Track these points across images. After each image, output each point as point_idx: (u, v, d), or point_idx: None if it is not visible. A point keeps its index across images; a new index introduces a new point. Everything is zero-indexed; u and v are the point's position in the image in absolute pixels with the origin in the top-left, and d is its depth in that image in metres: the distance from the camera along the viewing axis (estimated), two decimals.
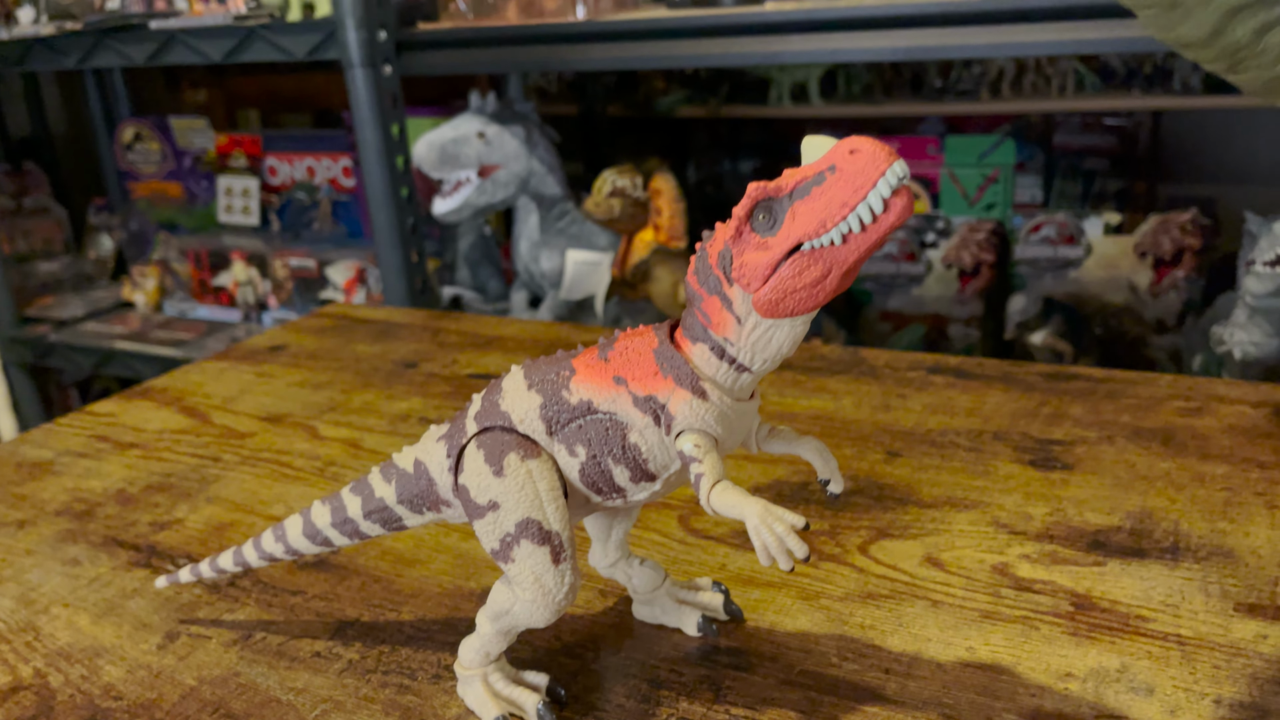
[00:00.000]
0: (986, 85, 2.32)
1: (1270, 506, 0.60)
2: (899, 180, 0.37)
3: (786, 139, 2.70)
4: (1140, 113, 2.34)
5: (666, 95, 2.60)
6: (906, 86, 2.44)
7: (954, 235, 1.63)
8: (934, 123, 2.48)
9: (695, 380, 0.43)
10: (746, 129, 2.74)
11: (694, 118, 2.61)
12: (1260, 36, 0.40)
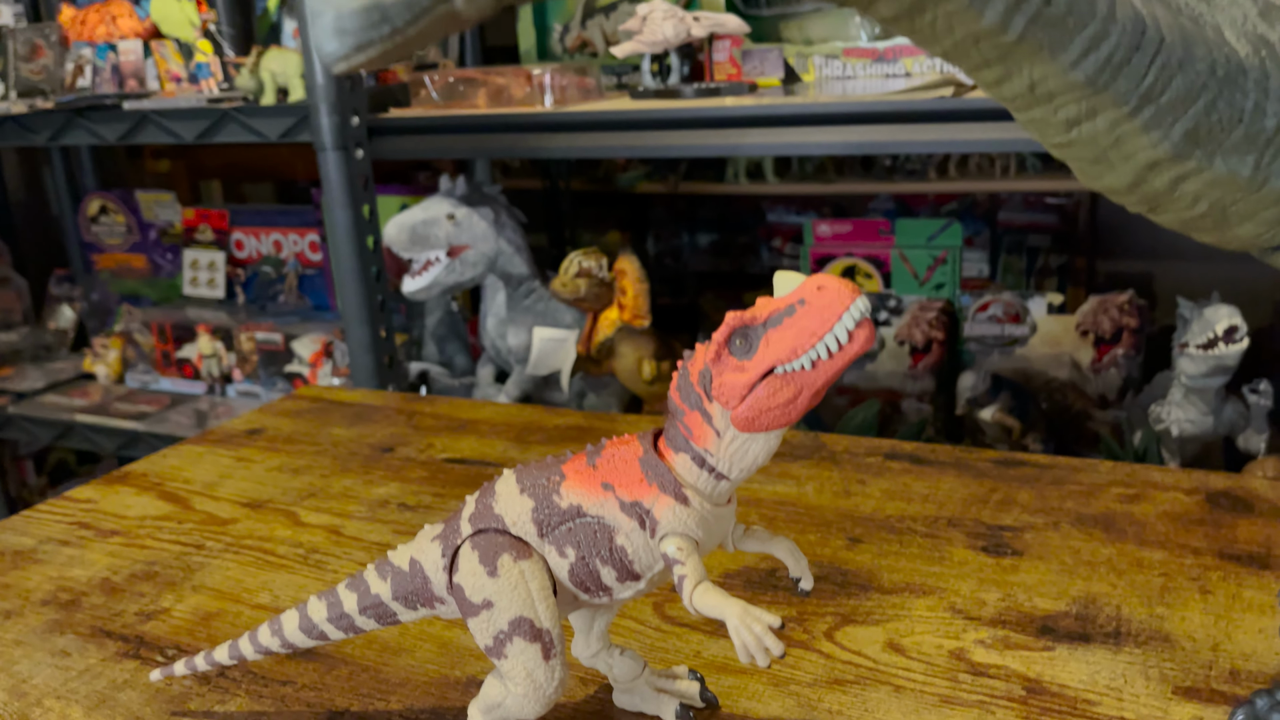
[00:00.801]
0: (934, 165, 2.42)
1: (1203, 592, 0.65)
2: (861, 314, 0.42)
3: (742, 214, 2.78)
4: (1079, 193, 2.44)
5: (627, 172, 2.68)
6: (858, 166, 2.53)
7: (905, 314, 1.70)
8: (883, 200, 2.58)
9: (678, 487, 0.47)
10: (704, 204, 2.82)
11: (653, 193, 2.69)
12: (1175, 186, 0.45)
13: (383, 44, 0.31)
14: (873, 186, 2.56)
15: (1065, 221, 2.52)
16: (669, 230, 2.88)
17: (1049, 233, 2.53)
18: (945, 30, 0.39)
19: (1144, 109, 0.41)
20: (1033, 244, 2.53)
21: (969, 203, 2.54)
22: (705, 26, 1.50)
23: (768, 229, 2.71)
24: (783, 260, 2.70)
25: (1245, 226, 0.46)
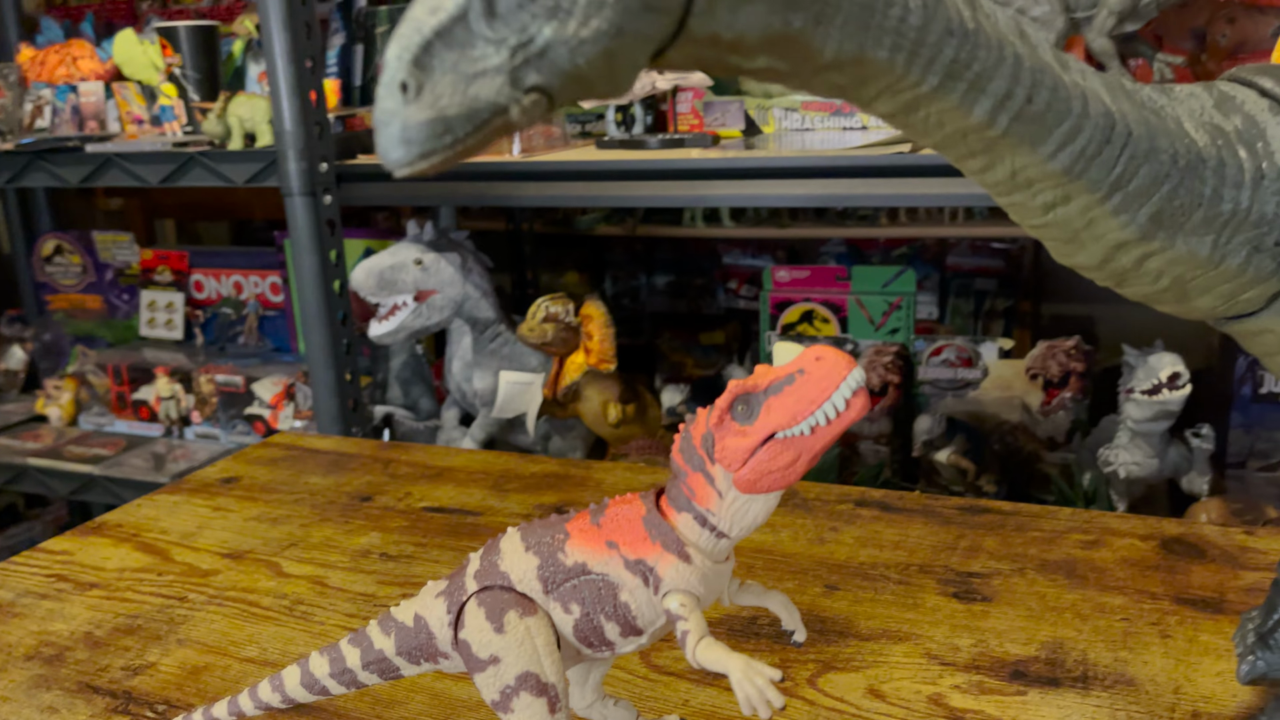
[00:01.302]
0: (885, 212, 2.48)
1: (1163, 636, 0.69)
2: (858, 384, 0.44)
3: (699, 257, 2.82)
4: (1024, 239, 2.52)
5: (586, 215, 2.71)
6: (811, 212, 2.59)
7: (862, 358, 1.74)
8: (836, 244, 2.63)
9: (681, 546, 0.49)
10: (661, 247, 2.86)
11: (612, 235, 2.72)
12: (1141, 263, 0.49)
13: (444, 152, 0.33)
14: (826, 231, 2.61)
15: (1011, 266, 2.59)
16: (626, 272, 2.91)
17: (995, 277, 2.60)
18: (937, 125, 0.42)
19: (1114, 195, 0.45)
20: (980, 288, 2.60)
21: (918, 247, 2.61)
22: (670, 79, 1.54)
23: (724, 271, 2.75)
24: (739, 302, 2.74)
25: (1203, 299, 0.50)
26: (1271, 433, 1.44)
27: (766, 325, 1.86)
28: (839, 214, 2.55)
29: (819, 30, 0.37)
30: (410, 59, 0.32)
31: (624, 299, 2.89)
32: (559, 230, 2.70)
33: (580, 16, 0.32)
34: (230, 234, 2.89)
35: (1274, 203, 0.47)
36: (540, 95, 0.33)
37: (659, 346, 2.77)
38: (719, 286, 2.76)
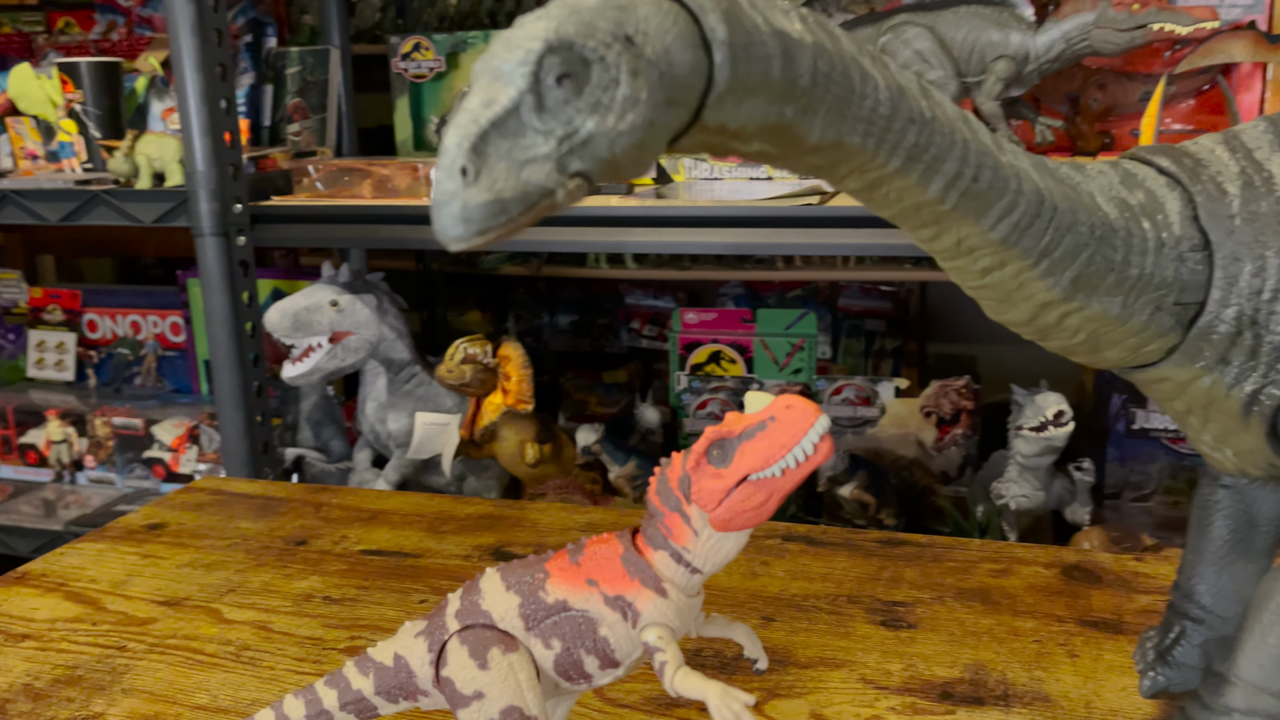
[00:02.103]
0: (782, 256, 2.58)
1: (1071, 655, 0.75)
2: (824, 430, 0.49)
3: (602, 297, 2.87)
4: (911, 282, 2.66)
5: (490, 254, 2.73)
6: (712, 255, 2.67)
7: None
8: (734, 286, 2.72)
9: (658, 582, 0.52)
10: (565, 287, 2.90)
11: (516, 275, 2.75)
12: (1062, 320, 0.55)
13: (499, 230, 0.37)
14: (725, 274, 2.69)
15: (899, 308, 2.72)
16: (530, 311, 2.93)
17: (884, 318, 2.72)
18: (896, 200, 0.47)
19: (1042, 261, 0.51)
20: (870, 328, 2.71)
21: (812, 289, 2.71)
22: None
23: (627, 311, 2.80)
24: (641, 341, 2.80)
25: (1113, 352, 0.57)
26: (1144, 466, 1.56)
27: (676, 365, 1.91)
28: (738, 258, 2.63)
29: (805, 119, 0.42)
30: (469, 146, 0.36)
31: (527, 338, 2.91)
32: (463, 270, 2.71)
33: (618, 111, 0.36)
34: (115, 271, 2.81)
35: (1172, 268, 0.54)
36: (582, 179, 0.37)
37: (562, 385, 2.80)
38: (622, 326, 2.81)
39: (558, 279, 2.83)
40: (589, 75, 0.36)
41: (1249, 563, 0.67)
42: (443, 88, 1.91)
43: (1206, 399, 0.58)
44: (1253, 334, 0.55)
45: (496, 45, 0.37)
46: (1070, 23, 1.28)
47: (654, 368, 2.77)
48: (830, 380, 1.79)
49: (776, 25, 0.41)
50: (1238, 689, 0.58)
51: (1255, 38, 1.31)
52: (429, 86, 1.91)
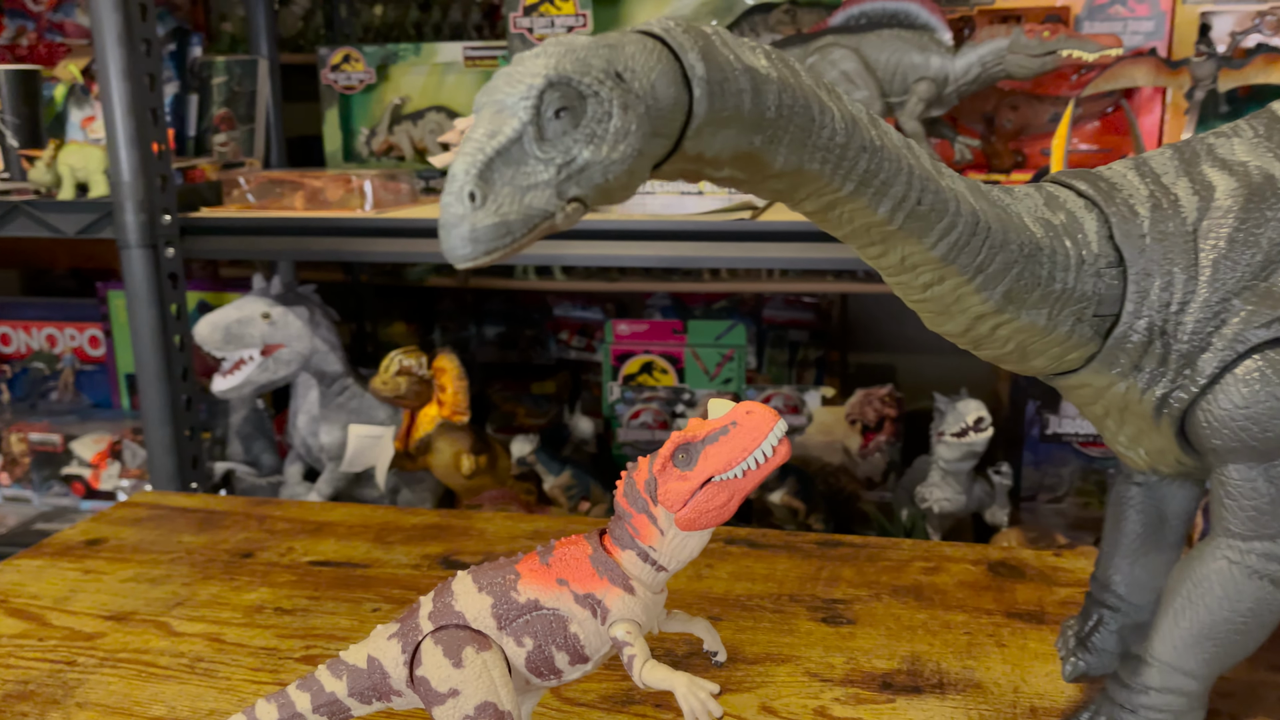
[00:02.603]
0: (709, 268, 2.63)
1: (999, 645, 0.80)
2: (782, 434, 0.52)
3: (529, 309, 2.89)
4: (832, 294, 2.73)
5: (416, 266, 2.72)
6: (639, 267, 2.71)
7: (699, 406, 1.85)
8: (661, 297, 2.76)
9: (626, 580, 0.55)
10: (492, 298, 2.90)
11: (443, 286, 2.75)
12: (994, 331, 0.59)
13: (504, 250, 0.39)
14: (653, 286, 2.73)
15: (821, 319, 2.79)
16: (456, 322, 2.93)
17: (807, 329, 2.79)
18: (848, 221, 0.51)
19: (977, 277, 0.55)
20: (793, 339, 2.78)
21: (738, 301, 2.77)
22: None
23: (555, 323, 2.82)
24: (569, 352, 2.82)
25: (1038, 360, 0.62)
26: (1057, 469, 1.64)
27: (609, 376, 1.94)
28: (665, 270, 2.68)
29: (771, 148, 0.46)
30: (476, 173, 0.38)
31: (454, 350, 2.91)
32: (389, 282, 2.70)
33: (611, 142, 0.39)
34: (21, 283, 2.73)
35: (1091, 283, 0.59)
36: (579, 204, 0.40)
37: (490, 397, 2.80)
38: (550, 337, 2.83)
39: (485, 290, 2.83)
40: (585, 109, 0.39)
41: (1160, 554, 0.73)
42: (372, 99, 1.91)
43: (1122, 403, 0.63)
44: (1162, 343, 0.60)
45: (499, 80, 0.40)
46: (986, 47, 1.35)
47: (582, 379, 2.79)
48: (759, 389, 1.84)
49: (746, 62, 0.44)
50: (1154, 669, 0.63)
51: (1155, 63, 1.40)
52: (359, 98, 1.91)
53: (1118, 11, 1.47)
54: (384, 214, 1.53)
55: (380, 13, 2.69)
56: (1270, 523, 0.60)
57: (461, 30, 2.75)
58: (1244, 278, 0.59)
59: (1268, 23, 1.50)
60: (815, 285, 2.61)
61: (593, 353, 2.82)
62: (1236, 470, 0.60)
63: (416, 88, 1.90)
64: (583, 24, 1.65)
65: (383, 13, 2.70)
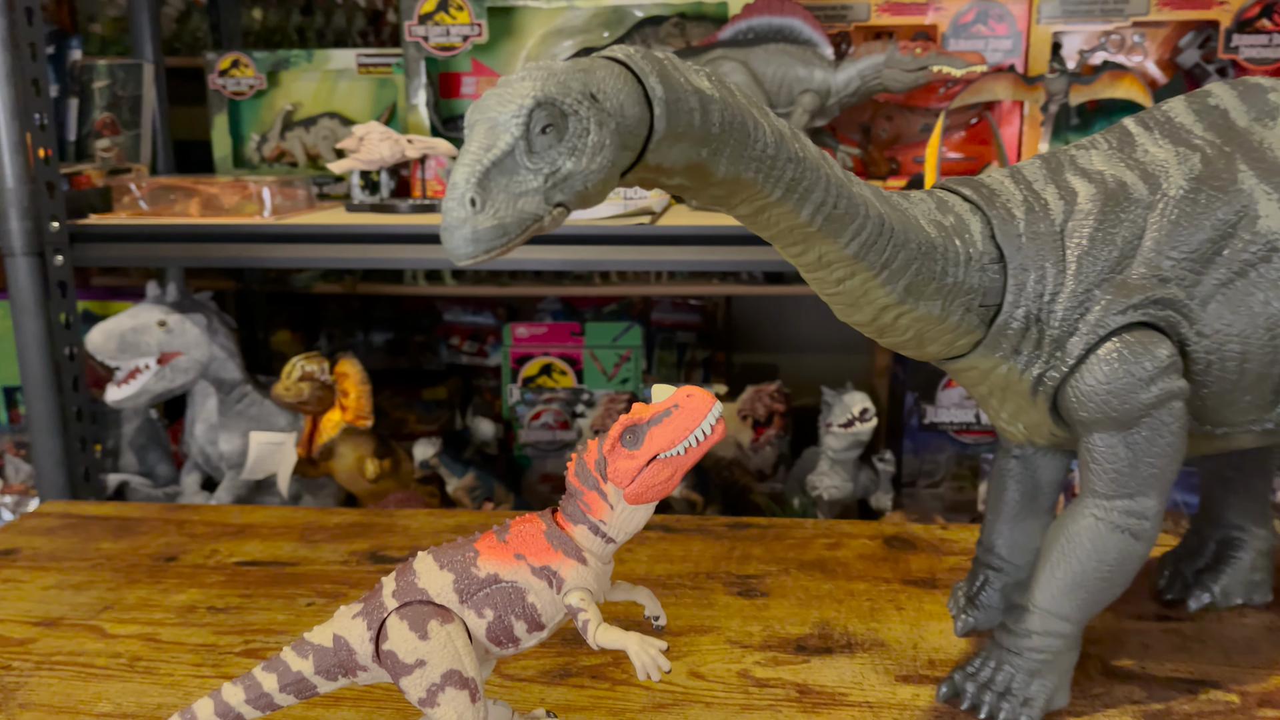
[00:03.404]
0: (599, 272, 2.69)
1: (898, 609, 0.88)
2: (719, 415, 0.58)
3: (418, 314, 2.89)
4: (717, 296, 2.83)
5: (302, 272, 2.70)
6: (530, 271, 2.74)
7: (598, 406, 1.91)
8: (551, 301, 2.80)
9: (579, 552, 0.60)
10: (380, 304, 2.89)
11: (330, 293, 2.72)
12: (896, 320, 0.67)
13: (501, 249, 0.44)
14: (543, 290, 2.77)
15: (707, 321, 2.88)
16: (343, 329, 2.90)
17: (694, 330, 2.88)
18: (775, 223, 0.58)
19: (883, 272, 0.63)
20: (681, 341, 2.86)
21: (627, 304, 2.83)
22: (419, 148, 1.63)
23: (445, 328, 2.83)
24: (461, 357, 2.83)
25: (933, 346, 0.69)
26: (935, 456, 1.76)
27: (508, 379, 1.98)
28: (556, 274, 2.72)
29: (715, 159, 0.52)
30: (476, 181, 0.43)
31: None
32: (274, 289, 2.66)
33: (589, 154, 0.45)
34: None
35: (977, 277, 0.67)
36: (563, 208, 0.45)
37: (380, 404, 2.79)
38: (441, 343, 2.84)
39: (373, 296, 2.82)
40: (567, 126, 0.45)
41: (1036, 519, 0.82)
42: (262, 105, 1.90)
43: (1004, 383, 0.72)
44: (1037, 329, 0.69)
45: (490, 100, 0.45)
46: (865, 62, 1.45)
47: (474, 384, 2.81)
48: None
49: (695, 84, 0.51)
50: (1035, 615, 0.72)
51: (1014, 79, 1.53)
52: (248, 104, 1.90)
53: (979, 30, 1.60)
54: (283, 220, 1.53)
55: (260, 17, 2.66)
56: (1129, 483, 0.69)
57: (346, 36, 2.74)
58: (1103, 271, 0.68)
59: (1112, 41, 1.65)
60: (702, 288, 2.69)
61: (485, 358, 2.84)
62: (1100, 438, 0.69)
63: (308, 94, 1.90)
64: (478, 33, 1.69)
65: (263, 17, 2.66)
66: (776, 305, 2.89)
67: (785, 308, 2.90)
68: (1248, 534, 0.87)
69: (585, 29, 1.78)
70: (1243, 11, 1.47)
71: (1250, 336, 0.69)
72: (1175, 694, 0.75)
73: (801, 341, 2.89)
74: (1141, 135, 0.73)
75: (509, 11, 1.74)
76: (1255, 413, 0.73)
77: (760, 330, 2.91)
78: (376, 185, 1.67)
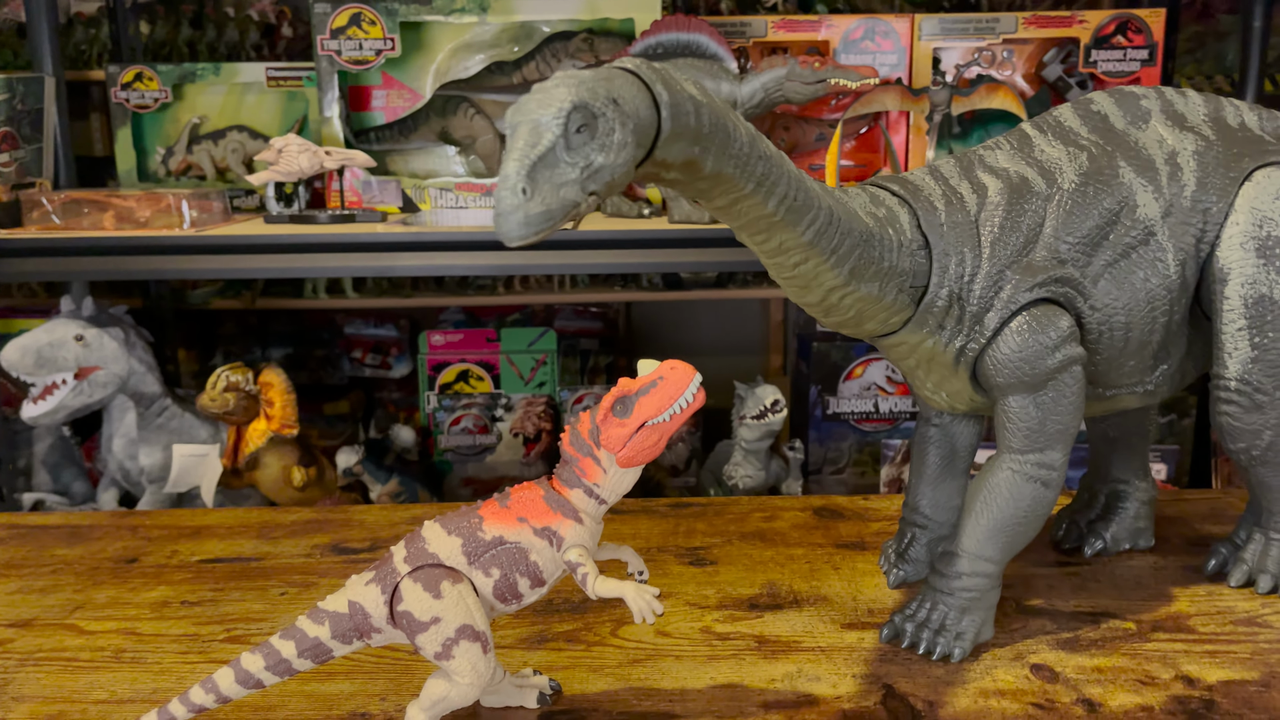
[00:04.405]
0: (501, 280, 2.73)
1: (834, 569, 0.97)
2: (699, 385, 0.66)
3: (318, 329, 2.87)
4: (617, 304, 2.91)
5: (198, 288, 2.66)
6: (432, 281, 2.77)
7: (516, 410, 1.96)
8: (453, 312, 2.83)
9: (576, 512, 0.67)
10: (278, 320, 2.87)
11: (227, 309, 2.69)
12: (841, 300, 0.75)
13: (547, 231, 0.51)
14: (444, 300, 2.80)
15: (608, 327, 2.96)
16: (240, 346, 2.87)
17: (596, 337, 2.95)
18: (745, 213, 0.65)
19: (832, 257, 0.71)
20: (584, 347, 2.92)
21: (530, 312, 2.89)
22: (337, 160, 1.66)
23: (347, 341, 2.83)
24: (364, 370, 2.83)
25: (870, 324, 0.78)
26: (838, 444, 1.87)
27: (425, 386, 2.01)
28: (458, 283, 2.76)
29: (704, 156, 0.60)
30: (525, 173, 0.50)
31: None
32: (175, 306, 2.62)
33: (615, 150, 0.52)
34: None
35: (908, 261, 0.77)
36: (595, 196, 0.52)
37: None
38: (343, 356, 2.83)
39: (271, 311, 2.80)
40: (598, 125, 0.52)
41: (954, 480, 0.92)
42: (166, 119, 1.89)
43: (930, 355, 0.81)
44: (959, 306, 0.78)
45: (530, 104, 0.52)
46: (767, 75, 1.55)
47: (376, 396, 2.82)
48: (572, 390, 1.97)
49: (689, 91, 0.58)
50: (963, 558, 0.81)
51: (902, 91, 1.65)
52: (152, 117, 1.88)
53: (867, 46, 1.72)
54: (204, 231, 1.54)
55: (148, 31, 2.62)
56: (1039, 439, 0.80)
57: (238, 51, 2.72)
58: (1012, 254, 0.78)
59: (984, 57, 1.80)
60: (603, 295, 2.76)
61: (388, 370, 2.85)
62: (1015, 400, 0.79)
63: (215, 107, 1.90)
64: (391, 48, 1.73)
65: (151, 31, 2.63)
66: (675, 310, 3.00)
67: (684, 313, 3.01)
68: (1131, 487, 0.99)
69: (494, 43, 1.83)
70: (1100, 29, 1.64)
71: (1133, 309, 0.81)
72: (1081, 624, 0.86)
73: (701, 345, 3.00)
74: (1038, 137, 0.84)
75: (418, 26, 1.78)
76: (1138, 375, 0.84)
77: (661, 335, 3.01)
78: (292, 197, 1.69)
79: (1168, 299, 0.81)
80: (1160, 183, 0.81)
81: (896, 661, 0.81)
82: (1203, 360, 0.87)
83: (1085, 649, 0.82)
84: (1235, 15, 2.68)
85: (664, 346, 3.01)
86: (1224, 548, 0.94)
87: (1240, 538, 0.94)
